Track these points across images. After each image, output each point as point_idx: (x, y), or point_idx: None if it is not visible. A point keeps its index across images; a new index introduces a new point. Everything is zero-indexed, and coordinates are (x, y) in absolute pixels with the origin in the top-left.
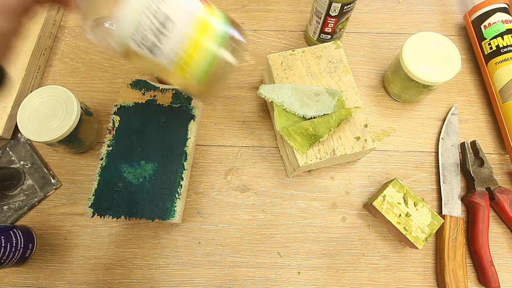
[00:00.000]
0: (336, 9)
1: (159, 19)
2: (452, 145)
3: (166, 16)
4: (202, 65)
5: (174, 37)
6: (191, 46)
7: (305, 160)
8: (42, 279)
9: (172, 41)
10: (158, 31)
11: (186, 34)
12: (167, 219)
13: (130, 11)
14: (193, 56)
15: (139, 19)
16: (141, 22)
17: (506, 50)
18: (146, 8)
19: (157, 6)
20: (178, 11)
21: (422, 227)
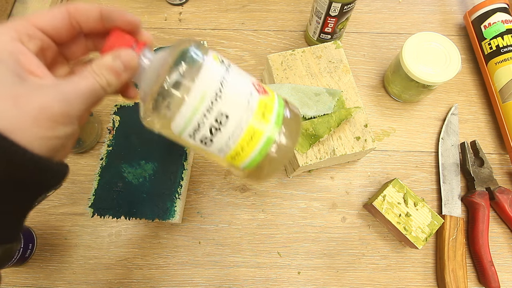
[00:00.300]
0: (336, 9)
1: (214, 115)
2: (452, 145)
3: (221, 113)
4: (253, 156)
5: (227, 131)
6: (243, 139)
7: (305, 160)
8: (42, 279)
9: (225, 135)
10: (211, 126)
11: (240, 128)
12: (167, 219)
13: (185, 110)
14: (244, 148)
15: (193, 117)
16: (195, 118)
17: (506, 50)
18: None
19: (212, 103)
20: (233, 106)
21: (422, 227)
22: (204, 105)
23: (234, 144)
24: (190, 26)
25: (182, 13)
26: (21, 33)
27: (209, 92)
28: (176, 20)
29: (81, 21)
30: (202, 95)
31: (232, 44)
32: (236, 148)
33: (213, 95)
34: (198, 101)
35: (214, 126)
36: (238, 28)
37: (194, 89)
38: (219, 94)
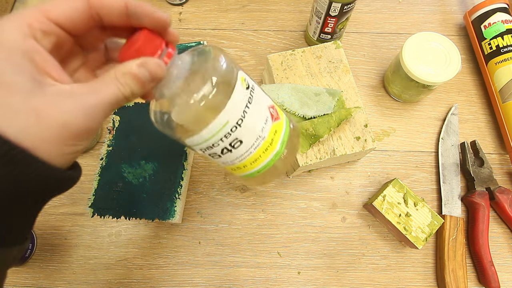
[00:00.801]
0: (336, 9)
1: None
2: (452, 145)
3: (236, 139)
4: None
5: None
6: (248, 161)
7: (305, 160)
8: (42, 279)
9: (234, 155)
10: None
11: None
12: (167, 219)
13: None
14: (246, 166)
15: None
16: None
17: (506, 50)
18: (222, 132)
19: (232, 131)
20: (248, 134)
21: (422, 227)
22: (223, 131)
23: (239, 163)
24: (190, 26)
25: (182, 13)
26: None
27: (232, 122)
28: (176, 20)
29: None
30: (225, 123)
31: (232, 44)
32: (239, 165)
33: (234, 124)
34: (219, 129)
35: (227, 148)
36: (238, 28)
37: (220, 116)
38: (239, 123)
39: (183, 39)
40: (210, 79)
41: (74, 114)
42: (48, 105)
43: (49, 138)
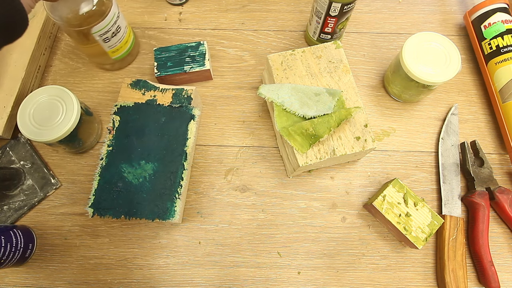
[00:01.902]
0: (336, 9)
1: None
2: (452, 145)
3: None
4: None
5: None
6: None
7: (305, 160)
8: (42, 279)
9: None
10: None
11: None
12: (167, 219)
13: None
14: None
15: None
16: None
17: (506, 50)
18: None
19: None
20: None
21: (422, 227)
22: (113, 19)
23: (118, 44)
24: (190, 26)
25: (182, 13)
26: None
27: (116, 13)
28: (176, 20)
29: None
30: (114, 13)
31: (232, 44)
32: (117, 47)
33: (117, 15)
34: (113, 15)
35: (113, 32)
36: (238, 28)
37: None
38: (118, 15)
39: (183, 39)
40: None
41: None
42: None
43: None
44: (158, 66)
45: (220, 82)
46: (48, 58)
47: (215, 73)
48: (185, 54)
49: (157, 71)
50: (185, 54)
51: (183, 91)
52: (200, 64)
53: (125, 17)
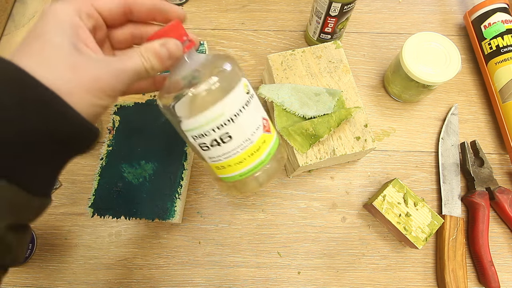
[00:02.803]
0: (336, 9)
1: (220, 133)
2: (452, 145)
3: (227, 133)
4: (233, 175)
5: (224, 149)
6: (233, 161)
7: (305, 160)
8: (42, 279)
9: (221, 151)
10: (214, 139)
11: (235, 152)
12: (167, 219)
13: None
14: (231, 166)
15: (204, 126)
16: (204, 128)
17: (506, 50)
18: (215, 122)
19: (224, 124)
20: (239, 133)
21: (422, 227)
22: (216, 122)
23: (224, 161)
24: (190, 26)
25: None
26: (82, 11)
27: (226, 114)
28: None
29: (135, 8)
30: (220, 114)
31: (232, 44)
32: (223, 163)
33: (227, 118)
34: (214, 117)
35: (216, 141)
36: (238, 28)
37: (217, 106)
38: (233, 118)
39: None
40: (216, 73)
41: (104, 71)
42: (83, 63)
43: (81, 87)
44: None
45: None
46: None
47: None
48: None
49: None
50: None
51: None
52: None
53: None
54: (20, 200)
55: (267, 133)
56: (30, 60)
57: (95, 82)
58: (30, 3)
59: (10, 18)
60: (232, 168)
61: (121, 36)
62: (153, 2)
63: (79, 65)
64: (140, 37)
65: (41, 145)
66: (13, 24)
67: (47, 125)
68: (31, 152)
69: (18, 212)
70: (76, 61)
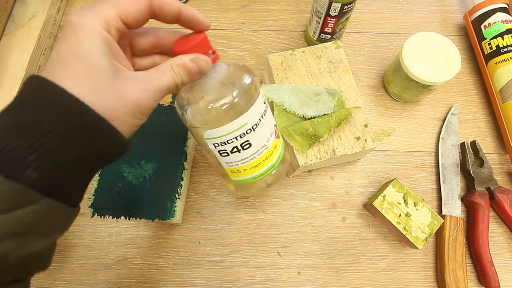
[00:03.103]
0: (336, 9)
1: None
2: (452, 145)
3: (248, 141)
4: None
5: (243, 155)
6: (249, 165)
7: (305, 160)
8: (42, 279)
9: (239, 157)
10: (235, 147)
11: (252, 157)
12: (167, 219)
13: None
14: (246, 170)
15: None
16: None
17: (506, 50)
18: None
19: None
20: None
21: (422, 227)
22: (239, 131)
23: (241, 165)
24: None
25: None
26: (111, 25)
27: (249, 124)
28: None
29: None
30: (243, 124)
31: (232, 44)
32: (239, 168)
33: (249, 127)
34: (237, 127)
35: (237, 148)
36: (238, 28)
37: (241, 117)
38: (254, 128)
39: None
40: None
41: (144, 94)
42: (124, 86)
43: (124, 112)
44: None
45: None
46: (48, 58)
47: None
48: None
49: None
50: None
51: None
52: None
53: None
54: (68, 216)
55: (277, 138)
56: (77, 85)
57: (137, 105)
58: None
59: (10, 18)
60: (247, 172)
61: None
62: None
63: (122, 89)
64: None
65: (85, 165)
66: (13, 24)
67: (94, 148)
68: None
69: (64, 227)
70: (119, 85)
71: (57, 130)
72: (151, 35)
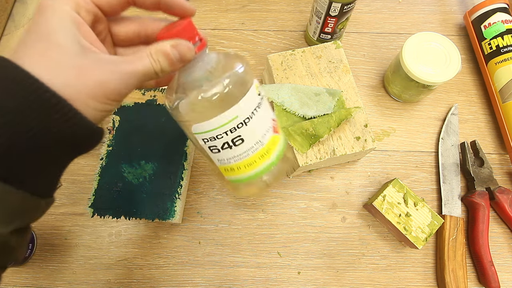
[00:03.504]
0: (336, 9)
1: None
2: (452, 145)
3: (239, 136)
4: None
5: (235, 152)
6: (243, 163)
7: (305, 160)
8: (42, 279)
9: (232, 153)
10: (226, 142)
11: (246, 154)
12: (167, 219)
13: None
14: (240, 168)
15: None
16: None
17: (506, 50)
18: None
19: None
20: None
21: (422, 227)
22: (230, 125)
23: (234, 163)
24: None
25: None
26: (79, 4)
27: (240, 118)
28: None
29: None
30: (233, 118)
31: (232, 44)
32: (233, 165)
33: (241, 121)
34: (227, 121)
35: (228, 144)
36: (238, 28)
37: (231, 110)
38: (246, 121)
39: None
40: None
41: (110, 76)
42: (89, 66)
43: (86, 93)
44: None
45: None
46: None
47: None
48: None
49: None
50: None
51: None
52: None
53: None
54: (28, 204)
55: (276, 134)
56: (35, 62)
57: (101, 87)
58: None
59: (10, 18)
60: (241, 171)
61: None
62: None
63: (85, 68)
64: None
65: (46, 148)
66: (13, 24)
67: (52, 129)
68: (37, 156)
69: (26, 216)
70: (83, 64)
71: (8, 106)
72: (133, 23)
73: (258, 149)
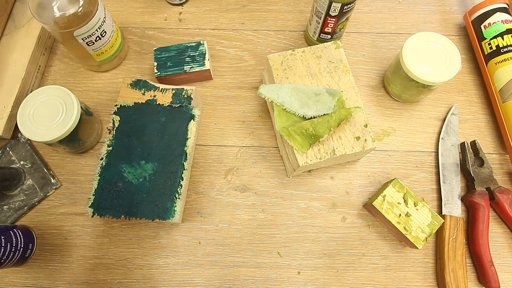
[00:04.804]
0: (336, 9)
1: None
2: (452, 145)
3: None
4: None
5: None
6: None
7: (305, 160)
8: (42, 279)
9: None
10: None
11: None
12: (167, 219)
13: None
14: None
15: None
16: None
17: (506, 50)
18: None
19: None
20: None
21: (422, 227)
22: (99, 23)
23: (103, 48)
24: (190, 26)
25: (182, 13)
26: None
27: (101, 18)
28: (176, 20)
29: None
30: (99, 19)
31: (232, 44)
32: (102, 50)
33: (102, 20)
34: (97, 20)
35: (98, 36)
36: (238, 28)
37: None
38: (104, 20)
39: (183, 39)
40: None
41: None
42: None
43: None
44: (158, 66)
45: (220, 82)
46: (48, 58)
47: (215, 73)
48: (185, 54)
49: (157, 71)
50: (185, 54)
51: (183, 91)
52: (200, 64)
53: (125, 18)
54: None
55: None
56: None
57: None
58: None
59: (10, 18)
60: (108, 52)
61: None
62: None
63: None
64: None
65: None
66: (13, 24)
67: None
68: None
69: None
70: None
71: None
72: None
73: (113, 36)
